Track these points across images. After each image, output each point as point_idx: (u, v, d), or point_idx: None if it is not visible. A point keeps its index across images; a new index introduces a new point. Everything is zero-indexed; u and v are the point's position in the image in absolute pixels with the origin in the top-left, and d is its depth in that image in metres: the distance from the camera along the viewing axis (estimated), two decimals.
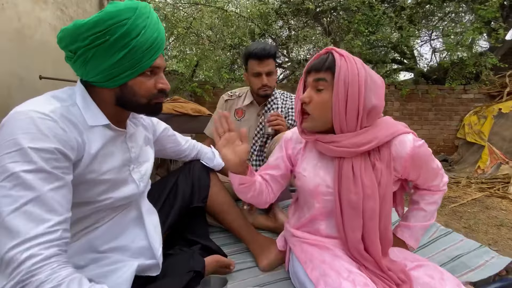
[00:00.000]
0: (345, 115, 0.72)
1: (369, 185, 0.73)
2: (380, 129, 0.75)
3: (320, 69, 0.74)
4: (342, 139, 0.74)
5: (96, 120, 0.66)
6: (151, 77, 0.69)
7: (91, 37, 0.60)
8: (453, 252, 1.09)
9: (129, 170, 0.75)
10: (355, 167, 0.75)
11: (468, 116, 4.63)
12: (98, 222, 0.70)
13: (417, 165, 0.78)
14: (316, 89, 0.75)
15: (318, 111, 0.75)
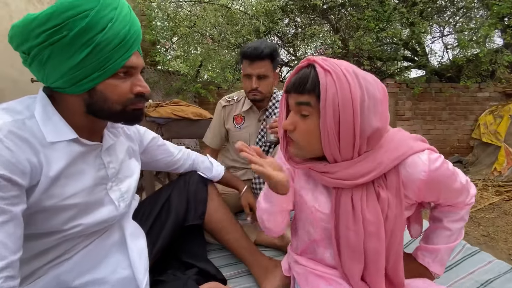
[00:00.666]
0: (338, 143, 0.58)
1: (373, 221, 0.60)
2: (385, 152, 0.60)
3: (302, 91, 0.58)
4: (336, 169, 0.61)
5: (59, 135, 0.55)
6: (125, 79, 0.58)
7: (45, 33, 0.49)
8: (482, 276, 0.95)
9: (106, 189, 0.64)
10: (354, 199, 0.61)
11: (484, 116, 4.41)
12: (68, 253, 0.60)
13: (435, 189, 0.62)
14: (300, 113, 0.60)
15: (305, 140, 0.61)
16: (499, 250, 2.15)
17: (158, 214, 0.89)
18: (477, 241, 2.30)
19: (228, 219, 0.99)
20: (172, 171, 1.03)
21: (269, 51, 1.17)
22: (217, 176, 1.06)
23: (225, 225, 0.98)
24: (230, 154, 1.47)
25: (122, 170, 0.70)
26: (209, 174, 1.03)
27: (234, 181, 1.12)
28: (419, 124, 4.55)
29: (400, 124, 4.48)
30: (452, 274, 0.99)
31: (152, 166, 0.96)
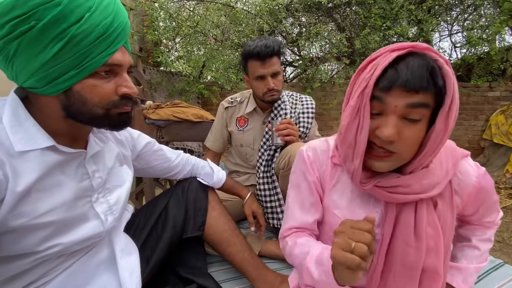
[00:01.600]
0: (437, 150, 0.50)
1: (433, 235, 0.53)
2: (445, 157, 0.55)
3: (421, 89, 0.45)
4: (411, 181, 0.52)
5: (30, 143, 0.48)
6: (108, 79, 0.51)
7: (9, 23, 0.43)
8: None
9: (91, 201, 0.57)
10: (419, 213, 0.54)
11: (495, 116, 4.27)
12: (47, 275, 0.53)
13: (481, 198, 0.58)
14: (407, 118, 0.48)
15: (407, 149, 0.49)
16: None
17: (153, 225, 0.82)
18: (492, 248, 2.19)
19: (230, 230, 0.91)
20: (170, 178, 0.96)
21: (278, 47, 1.10)
22: (219, 183, 0.98)
23: (227, 236, 0.90)
24: (232, 158, 1.39)
25: (111, 180, 0.63)
26: (210, 181, 0.96)
27: (237, 188, 1.04)
28: None
29: None
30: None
31: (147, 173, 0.89)
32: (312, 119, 1.22)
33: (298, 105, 1.24)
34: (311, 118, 1.22)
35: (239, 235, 0.93)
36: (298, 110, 1.23)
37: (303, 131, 1.19)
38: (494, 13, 4.01)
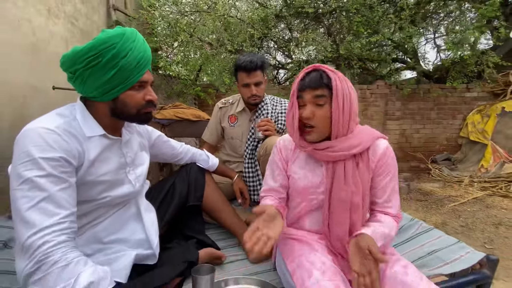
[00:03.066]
0: (342, 121, 0.82)
1: (355, 183, 0.84)
2: (364, 135, 0.86)
3: (317, 87, 0.81)
4: (337, 143, 0.84)
5: (93, 131, 0.77)
6: (139, 91, 0.80)
7: (87, 60, 0.71)
8: (430, 247, 1.16)
9: (125, 172, 0.86)
10: (347, 168, 0.85)
11: (471, 115, 4.61)
12: (100, 217, 0.82)
13: (385, 164, 0.88)
14: (316, 104, 0.82)
15: (322, 124, 0.83)
16: (475, 238, 2.34)
17: (165, 195, 1.12)
18: (455, 231, 2.50)
19: (222, 201, 1.21)
20: (176, 162, 1.25)
21: (261, 63, 1.40)
22: (213, 167, 1.28)
23: (219, 205, 1.20)
24: (225, 150, 1.69)
25: (137, 159, 0.93)
26: (205, 165, 1.26)
27: (227, 171, 1.34)
28: (409, 123, 4.75)
29: (390, 123, 4.69)
30: (406, 246, 1.20)
31: (159, 158, 1.18)
32: None
33: (278, 107, 1.55)
34: None
35: (229, 205, 1.23)
36: (277, 110, 1.54)
37: (281, 127, 1.50)
38: (472, 19, 4.34)
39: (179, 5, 3.65)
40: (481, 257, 1.06)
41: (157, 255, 0.90)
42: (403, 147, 4.82)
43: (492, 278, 1.03)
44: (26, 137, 0.65)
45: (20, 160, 0.63)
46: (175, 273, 0.87)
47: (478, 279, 1.02)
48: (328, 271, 0.76)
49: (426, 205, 3.21)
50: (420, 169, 4.66)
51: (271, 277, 0.98)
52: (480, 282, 1.03)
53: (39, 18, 2.03)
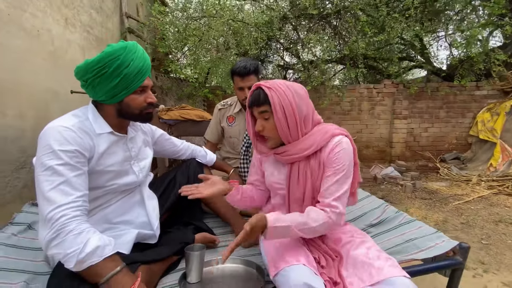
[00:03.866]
0: (288, 130, 0.91)
1: (307, 182, 0.93)
2: (318, 135, 0.94)
3: (259, 104, 0.90)
4: (290, 148, 0.93)
5: (102, 129, 0.92)
6: (141, 94, 0.95)
7: (96, 70, 0.86)
8: (409, 236, 1.24)
9: (130, 164, 1.01)
10: (300, 169, 0.95)
11: (481, 113, 4.54)
12: (109, 202, 0.97)
13: (331, 158, 0.91)
14: (263, 118, 0.92)
15: (271, 134, 0.93)
16: (473, 235, 2.36)
17: (166, 186, 1.26)
18: (454, 227, 2.52)
19: None
20: (177, 158, 1.39)
21: (254, 68, 1.52)
22: (210, 162, 1.41)
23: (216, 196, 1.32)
24: (225, 147, 1.83)
25: (140, 154, 1.07)
26: (204, 160, 1.39)
27: (224, 166, 1.47)
28: (417, 122, 4.73)
29: (397, 122, 4.68)
30: (387, 235, 1.29)
31: (162, 154, 1.33)
32: None
33: None
34: None
35: None
36: None
37: None
38: (480, 17, 4.28)
39: (187, 11, 3.82)
40: (454, 245, 1.13)
41: (157, 236, 1.04)
42: (411, 146, 4.80)
43: (463, 264, 1.10)
44: (48, 133, 0.80)
45: (43, 152, 0.78)
46: (172, 251, 1.00)
47: (450, 264, 1.09)
48: (293, 250, 0.86)
49: (430, 203, 3.22)
50: (428, 168, 4.62)
51: (257, 260, 1.10)
52: (452, 267, 1.10)
53: (57, 28, 2.24)
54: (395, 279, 0.74)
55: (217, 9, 3.80)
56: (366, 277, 0.78)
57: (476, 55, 3.84)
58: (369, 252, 0.85)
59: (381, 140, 4.84)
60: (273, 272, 0.80)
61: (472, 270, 1.80)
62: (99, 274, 0.70)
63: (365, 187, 3.87)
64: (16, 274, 0.86)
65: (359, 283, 0.78)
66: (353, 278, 0.81)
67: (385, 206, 1.50)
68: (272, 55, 5.36)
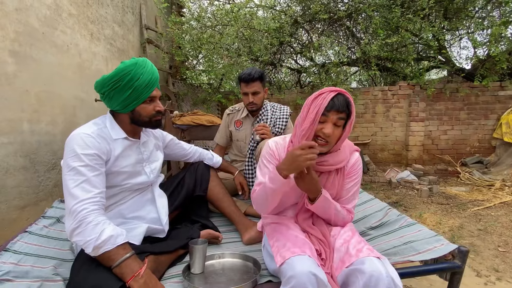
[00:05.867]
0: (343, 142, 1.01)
1: (332, 191, 1.04)
2: (346, 150, 1.04)
3: (343, 111, 0.93)
4: (329, 158, 1.01)
5: (118, 135, 1.05)
6: (150, 104, 1.07)
7: (111, 84, 0.99)
8: (408, 238, 1.25)
9: (142, 166, 1.13)
10: (328, 179, 1.04)
11: (506, 115, 4.31)
12: (124, 199, 1.09)
13: (352, 171, 1.06)
14: (336, 124, 0.94)
15: (334, 141, 0.96)
16: (490, 242, 2.27)
17: (176, 186, 1.37)
18: (470, 234, 2.44)
19: (223, 193, 1.44)
20: (186, 161, 1.51)
21: (258, 75, 1.62)
22: (216, 164, 1.52)
23: (221, 196, 1.43)
24: (233, 150, 1.93)
25: (152, 156, 1.20)
26: (210, 162, 1.50)
27: (229, 168, 1.57)
28: (435, 124, 4.58)
29: (414, 125, 4.56)
30: (386, 237, 1.32)
31: (172, 157, 1.45)
32: (286, 123, 1.72)
33: (276, 113, 1.75)
34: (285, 122, 1.72)
35: (229, 197, 1.45)
36: (276, 116, 1.73)
37: (278, 131, 1.69)
38: (497, 16, 4.09)
39: (201, 21, 4.01)
40: (452, 248, 1.14)
41: (166, 231, 1.16)
42: (429, 149, 4.65)
43: (462, 268, 1.11)
44: (72, 139, 0.94)
45: (69, 155, 0.92)
46: (179, 245, 1.11)
47: (447, 267, 1.11)
48: (298, 242, 0.93)
49: (447, 208, 3.12)
50: (447, 172, 4.45)
51: (257, 255, 1.18)
52: (450, 270, 1.11)
53: (84, 42, 2.47)
54: (366, 259, 0.79)
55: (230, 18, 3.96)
56: (347, 258, 0.84)
57: (498, 54, 3.68)
58: (352, 238, 0.92)
59: (396, 143, 4.74)
60: (280, 261, 0.84)
61: (485, 278, 1.75)
62: (112, 259, 0.82)
63: (379, 191, 3.82)
64: (47, 260, 1.00)
65: (341, 265, 0.84)
66: (337, 262, 0.87)
67: (387, 209, 1.52)
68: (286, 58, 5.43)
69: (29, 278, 0.88)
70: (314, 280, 0.75)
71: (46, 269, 0.94)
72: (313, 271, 0.76)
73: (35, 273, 0.91)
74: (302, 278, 0.75)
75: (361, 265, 0.78)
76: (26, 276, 0.88)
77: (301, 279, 0.75)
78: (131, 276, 0.79)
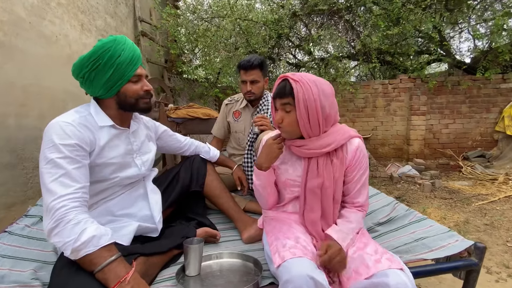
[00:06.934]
0: (309, 125, 0.91)
1: (327, 177, 0.93)
2: (338, 134, 0.94)
3: (283, 96, 0.90)
4: (309, 143, 0.93)
5: (104, 122, 0.95)
6: (137, 83, 0.98)
7: (90, 64, 0.89)
8: (420, 235, 1.17)
9: (133, 157, 1.03)
10: (319, 164, 0.95)
11: (508, 108, 4.24)
12: (113, 195, 1.00)
13: (356, 160, 0.96)
14: (285, 111, 0.92)
15: (289, 127, 0.92)
16: (497, 236, 2.21)
17: (170, 181, 1.28)
18: (476, 229, 2.37)
19: (221, 188, 1.34)
20: (181, 154, 1.41)
21: (258, 62, 1.52)
22: (213, 158, 1.42)
23: (219, 192, 1.34)
24: (231, 143, 1.84)
25: (143, 147, 1.10)
26: (207, 156, 1.41)
27: (227, 161, 1.48)
28: (436, 118, 4.51)
29: (415, 118, 4.49)
30: (398, 232, 1.24)
31: (166, 150, 1.35)
32: None
33: None
34: None
35: (227, 192, 1.36)
36: None
37: None
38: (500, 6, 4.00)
39: (197, 12, 3.89)
40: (468, 245, 1.06)
41: (159, 229, 1.06)
42: (430, 143, 4.58)
43: (479, 266, 1.03)
44: (51, 128, 0.85)
45: (46, 146, 0.82)
46: (173, 245, 1.02)
47: (464, 265, 1.03)
48: (300, 243, 0.85)
49: (451, 203, 3.05)
50: (449, 167, 4.39)
51: (258, 255, 1.09)
52: (467, 269, 1.03)
53: (74, 33, 2.35)
54: (389, 271, 0.71)
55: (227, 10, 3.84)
56: (363, 269, 0.76)
57: (501, 46, 3.60)
58: (367, 246, 0.82)
59: (397, 137, 4.66)
60: (278, 262, 0.79)
61: (496, 275, 1.68)
62: (94, 263, 0.72)
63: (380, 187, 3.74)
64: (27, 262, 0.91)
65: (356, 276, 0.76)
66: (349, 272, 0.79)
67: (395, 203, 1.44)
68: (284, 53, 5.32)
69: (5, 283, 0.79)
70: (312, 284, 0.69)
71: (25, 273, 0.85)
72: (311, 274, 0.70)
73: (13, 278, 0.82)
74: (298, 282, 0.69)
75: (385, 277, 0.71)
76: (2, 281, 0.79)
77: (297, 283, 0.69)
78: (116, 282, 0.70)
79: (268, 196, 1.04)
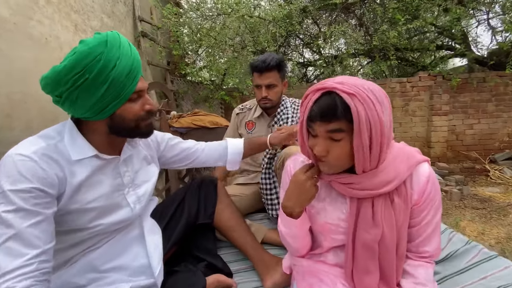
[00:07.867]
0: (369, 157, 0.63)
1: (388, 226, 0.66)
2: (400, 162, 0.66)
3: (332, 119, 0.60)
4: (362, 180, 0.65)
5: (81, 153, 0.69)
6: (136, 101, 0.72)
7: (72, 79, 0.63)
8: (494, 282, 0.90)
9: (123, 194, 0.78)
10: (375, 207, 0.67)
11: None
12: (96, 244, 0.75)
13: (427, 196, 0.68)
14: (332, 139, 0.62)
15: (338, 160, 0.64)
16: None
17: (173, 213, 1.02)
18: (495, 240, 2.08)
19: (235, 218, 1.09)
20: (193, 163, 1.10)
21: (275, 63, 1.26)
22: (238, 152, 1.11)
23: (232, 224, 1.08)
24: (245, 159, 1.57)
25: (139, 177, 0.84)
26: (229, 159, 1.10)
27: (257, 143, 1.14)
28: (460, 118, 4.18)
29: (437, 119, 4.17)
30: (464, 277, 0.96)
31: (172, 166, 1.07)
32: None
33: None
34: None
35: (242, 223, 1.10)
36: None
37: None
38: None
39: (201, 10, 3.64)
40: None
41: (159, 285, 0.81)
42: (454, 145, 4.26)
43: None
44: (2, 166, 0.60)
45: None
46: None
47: None
48: None
49: (485, 214, 2.75)
50: (475, 171, 4.07)
51: None
52: None
53: (66, 34, 2.13)
54: None
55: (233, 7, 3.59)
56: None
57: None
58: None
59: (417, 139, 4.35)
60: None
61: None
62: None
63: None
64: None
65: None
66: None
67: (450, 233, 1.16)
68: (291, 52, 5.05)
69: None
70: None
71: None
72: None
73: None
74: None
75: None
76: None
77: None
78: None
79: (301, 245, 0.78)
